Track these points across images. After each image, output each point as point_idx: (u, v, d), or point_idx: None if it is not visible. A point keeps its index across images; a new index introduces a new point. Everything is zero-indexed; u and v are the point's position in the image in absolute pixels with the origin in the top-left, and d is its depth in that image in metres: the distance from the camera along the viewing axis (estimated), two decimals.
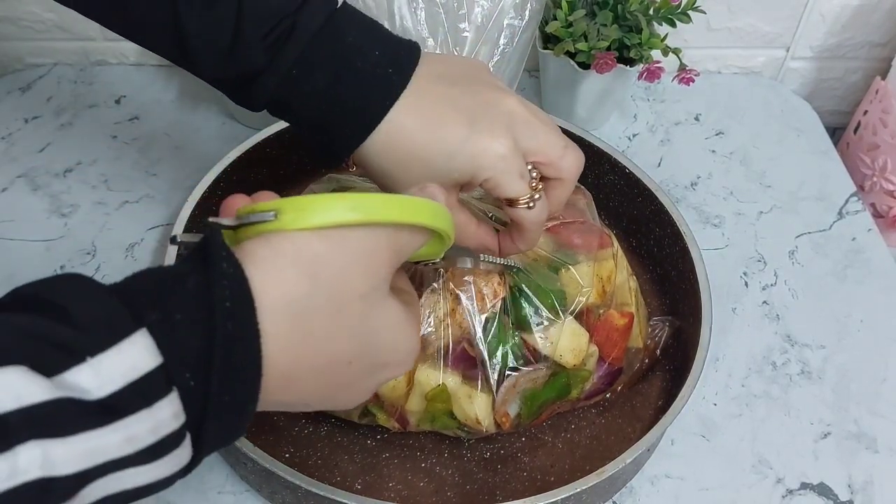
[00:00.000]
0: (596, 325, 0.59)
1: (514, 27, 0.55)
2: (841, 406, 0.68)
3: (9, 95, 0.88)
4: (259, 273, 0.35)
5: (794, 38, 0.94)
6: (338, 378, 0.38)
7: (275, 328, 0.35)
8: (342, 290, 0.37)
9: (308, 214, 0.36)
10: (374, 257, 0.38)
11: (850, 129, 0.95)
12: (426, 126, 0.47)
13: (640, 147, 0.88)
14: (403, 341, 0.41)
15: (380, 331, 0.39)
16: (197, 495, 0.60)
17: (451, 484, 0.61)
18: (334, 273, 0.36)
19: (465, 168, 0.47)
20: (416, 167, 0.47)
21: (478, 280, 0.56)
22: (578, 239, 0.61)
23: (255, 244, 0.36)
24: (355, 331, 0.38)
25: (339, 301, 0.37)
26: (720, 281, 0.75)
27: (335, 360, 0.38)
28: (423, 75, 0.48)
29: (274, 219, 0.36)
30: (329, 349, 0.37)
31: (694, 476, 0.64)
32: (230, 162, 0.70)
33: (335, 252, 0.36)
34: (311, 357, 0.36)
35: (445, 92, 0.48)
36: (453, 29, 0.54)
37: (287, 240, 0.36)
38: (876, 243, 0.81)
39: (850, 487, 0.64)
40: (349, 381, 0.39)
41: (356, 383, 0.40)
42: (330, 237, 0.36)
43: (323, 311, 0.36)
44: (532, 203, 0.49)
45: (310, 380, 0.37)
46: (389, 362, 0.41)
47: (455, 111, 0.47)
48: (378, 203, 0.37)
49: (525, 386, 0.57)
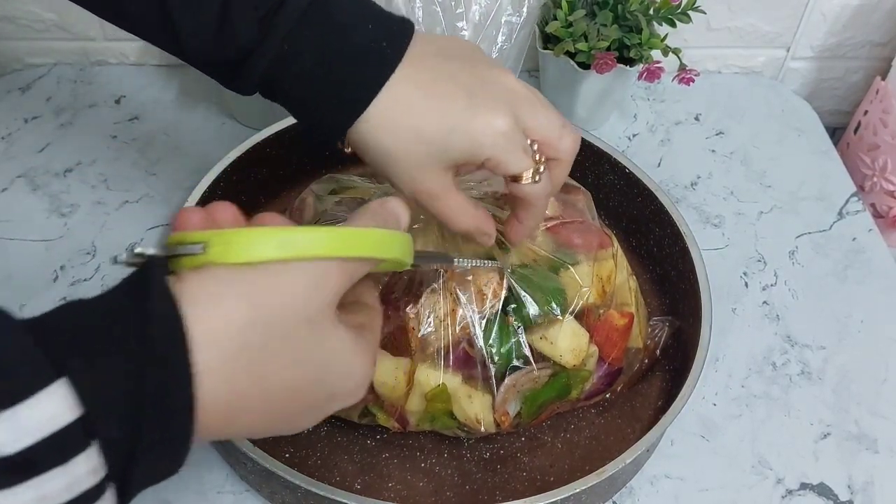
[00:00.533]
0: (596, 325, 0.59)
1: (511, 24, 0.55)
2: (841, 406, 0.68)
3: (9, 95, 0.88)
4: (195, 308, 0.33)
5: (794, 38, 0.94)
6: (283, 408, 0.37)
7: (212, 364, 0.33)
8: (286, 320, 0.35)
9: (234, 249, 0.35)
10: (319, 285, 0.36)
11: (851, 129, 0.95)
12: (424, 98, 0.45)
13: (640, 147, 0.88)
14: (354, 371, 0.39)
15: (328, 360, 0.38)
16: (196, 495, 0.60)
17: (450, 484, 0.61)
18: (277, 303, 0.35)
19: (465, 145, 0.45)
20: (414, 144, 0.45)
21: (478, 280, 0.56)
22: (578, 239, 0.60)
23: (192, 277, 0.35)
24: (301, 360, 0.37)
25: (283, 330, 0.35)
26: (720, 281, 0.75)
27: (281, 391, 0.36)
28: (419, 50, 0.46)
29: (202, 252, 0.35)
30: (274, 380, 0.36)
31: (694, 476, 0.64)
32: (230, 162, 0.70)
33: (277, 282, 0.35)
34: (255, 389, 0.35)
35: (443, 66, 0.46)
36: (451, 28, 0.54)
37: (226, 271, 0.35)
38: (876, 243, 0.81)
39: (850, 488, 0.64)
40: (295, 411, 0.38)
41: (303, 413, 0.39)
42: (268, 270, 0.35)
43: (266, 341, 0.35)
44: (538, 176, 0.47)
45: (254, 412, 0.36)
46: (337, 393, 0.39)
47: (454, 85, 0.45)
48: (309, 239, 0.36)
49: (525, 386, 0.57)
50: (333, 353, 0.38)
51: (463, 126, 0.45)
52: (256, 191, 0.75)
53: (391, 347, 0.56)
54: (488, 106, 0.45)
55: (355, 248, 0.38)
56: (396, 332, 0.56)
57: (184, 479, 0.61)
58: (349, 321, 0.40)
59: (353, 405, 0.59)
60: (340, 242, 0.37)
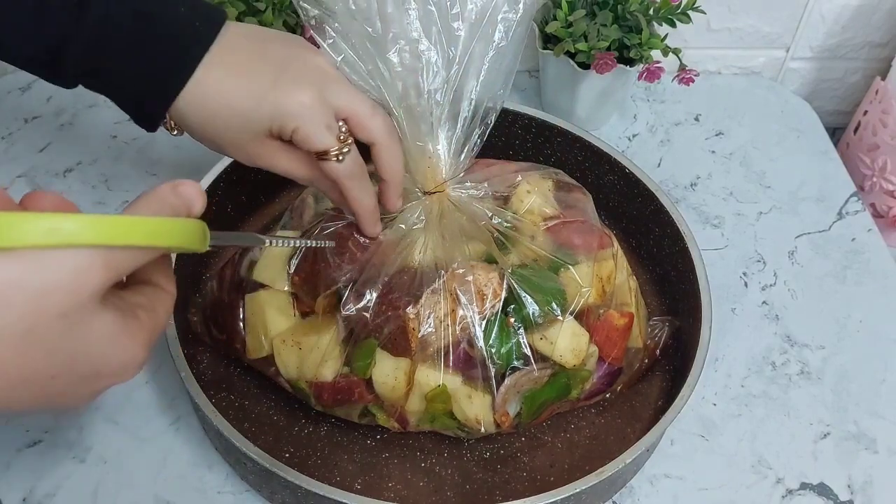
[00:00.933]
0: (596, 325, 0.59)
1: (508, 21, 0.55)
2: (840, 406, 0.68)
3: (9, 95, 0.88)
4: None
5: (794, 39, 0.94)
6: (43, 390, 0.37)
7: None
8: (37, 312, 0.34)
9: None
10: (80, 277, 0.34)
11: (850, 129, 0.95)
12: (234, 75, 0.49)
13: (640, 147, 0.88)
14: (116, 354, 0.38)
15: (86, 345, 0.37)
16: (197, 495, 0.60)
17: (450, 484, 0.61)
18: (28, 297, 0.34)
19: (272, 115, 0.49)
20: (230, 118, 0.50)
21: (478, 280, 0.56)
22: (578, 239, 0.61)
23: None
24: (53, 348, 0.35)
25: (33, 322, 0.34)
26: (720, 281, 0.75)
27: (33, 376, 0.36)
28: (233, 31, 0.50)
29: None
30: (22, 367, 0.35)
31: (693, 476, 0.64)
32: (230, 162, 0.70)
33: (32, 274, 0.33)
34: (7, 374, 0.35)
35: (256, 46, 0.50)
36: (447, 28, 0.54)
37: None
38: (876, 244, 0.81)
39: (850, 488, 0.64)
40: (58, 391, 0.37)
41: (69, 392, 0.38)
42: (26, 258, 0.33)
43: (12, 333, 0.34)
44: (341, 156, 0.50)
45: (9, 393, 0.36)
46: (102, 373, 0.39)
47: (263, 62, 0.50)
48: (77, 226, 0.33)
49: (525, 386, 0.57)
50: (90, 343, 0.37)
51: (270, 98, 0.49)
52: (256, 191, 0.75)
53: (391, 348, 0.56)
54: (296, 81, 0.49)
55: (126, 237, 0.35)
56: (397, 332, 0.56)
57: (184, 479, 0.61)
58: (123, 302, 0.39)
59: (353, 406, 0.59)
60: (110, 230, 0.34)
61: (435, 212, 0.58)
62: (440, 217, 0.58)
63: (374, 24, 0.53)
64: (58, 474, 0.61)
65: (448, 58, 0.54)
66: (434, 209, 0.58)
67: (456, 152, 0.57)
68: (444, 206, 0.58)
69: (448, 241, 0.58)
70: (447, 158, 0.57)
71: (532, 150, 0.78)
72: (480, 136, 0.57)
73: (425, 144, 0.56)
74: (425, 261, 0.57)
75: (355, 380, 0.57)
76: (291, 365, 0.59)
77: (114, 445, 0.62)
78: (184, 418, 0.64)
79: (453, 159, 0.57)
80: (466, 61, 0.55)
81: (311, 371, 0.57)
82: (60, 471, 0.61)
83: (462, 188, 0.59)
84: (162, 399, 0.65)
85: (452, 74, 0.55)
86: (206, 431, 0.63)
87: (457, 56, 0.54)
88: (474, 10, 0.54)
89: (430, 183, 0.58)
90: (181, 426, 0.64)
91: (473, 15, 0.54)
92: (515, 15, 0.55)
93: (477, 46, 0.55)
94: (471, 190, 0.60)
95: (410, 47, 0.53)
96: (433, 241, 0.58)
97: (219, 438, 0.58)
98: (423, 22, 0.54)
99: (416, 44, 0.53)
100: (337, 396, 0.58)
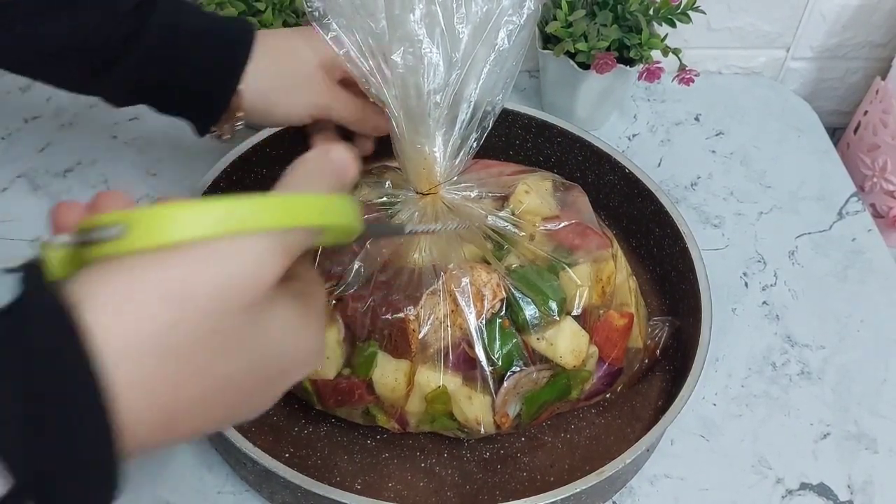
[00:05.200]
0: (596, 325, 0.59)
1: (512, 25, 0.55)
2: (841, 406, 0.68)
3: (9, 95, 0.88)
4: (101, 315, 0.28)
5: (794, 38, 0.94)
6: (232, 398, 0.33)
7: (130, 378, 0.29)
8: (219, 310, 0.31)
9: (164, 229, 0.29)
10: (260, 266, 0.32)
11: (851, 129, 0.95)
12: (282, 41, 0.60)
13: (640, 147, 0.88)
14: (302, 343, 0.35)
15: (271, 339, 0.34)
16: (197, 495, 0.60)
17: (450, 484, 0.61)
18: (208, 293, 0.30)
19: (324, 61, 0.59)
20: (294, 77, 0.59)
21: (477, 281, 0.56)
22: (578, 240, 0.60)
23: (98, 275, 0.29)
24: (241, 347, 0.32)
25: (217, 321, 0.31)
26: (720, 281, 0.75)
27: (224, 382, 0.32)
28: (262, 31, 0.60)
29: (121, 235, 0.29)
30: (214, 374, 0.32)
31: (693, 476, 0.64)
32: (230, 162, 0.70)
33: (209, 268, 0.30)
34: (194, 388, 0.31)
35: (287, 32, 0.63)
36: (450, 29, 0.54)
37: (142, 261, 0.29)
38: (876, 243, 0.81)
39: (850, 488, 0.64)
40: (245, 397, 0.34)
41: (255, 397, 0.35)
42: (201, 250, 0.30)
43: (198, 336, 0.30)
44: None
45: (199, 409, 0.32)
46: (288, 368, 0.36)
47: (300, 37, 0.60)
48: (251, 210, 0.31)
49: (525, 387, 0.57)
50: (275, 335, 0.34)
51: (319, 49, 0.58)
52: (256, 191, 0.75)
53: (391, 349, 0.56)
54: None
55: (303, 217, 0.32)
56: (397, 333, 0.56)
57: (184, 479, 0.61)
58: (290, 291, 0.35)
59: (354, 407, 0.59)
60: (286, 211, 0.32)
61: (429, 213, 0.58)
62: (434, 219, 0.58)
63: (378, 22, 0.53)
64: None
65: (450, 60, 0.54)
66: (428, 210, 0.58)
67: (452, 154, 0.57)
68: (438, 208, 0.58)
69: (444, 242, 0.58)
70: (443, 160, 0.57)
71: (532, 150, 0.78)
72: (477, 139, 0.57)
73: (422, 146, 0.56)
74: (423, 262, 0.57)
75: (356, 381, 0.57)
76: None
77: None
78: None
79: (449, 161, 0.57)
80: (468, 64, 0.55)
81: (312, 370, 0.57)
82: None
83: (456, 190, 0.59)
84: None
85: (453, 77, 0.55)
86: None
87: (459, 58, 0.54)
88: (479, 12, 0.54)
89: (424, 184, 0.58)
90: None
91: (478, 17, 0.54)
92: (519, 19, 0.55)
93: (479, 49, 0.55)
94: (465, 192, 0.60)
95: (413, 48, 0.53)
96: (429, 242, 0.58)
97: (219, 438, 0.58)
98: (427, 22, 0.54)
99: (419, 44, 0.53)
100: (338, 397, 0.58)
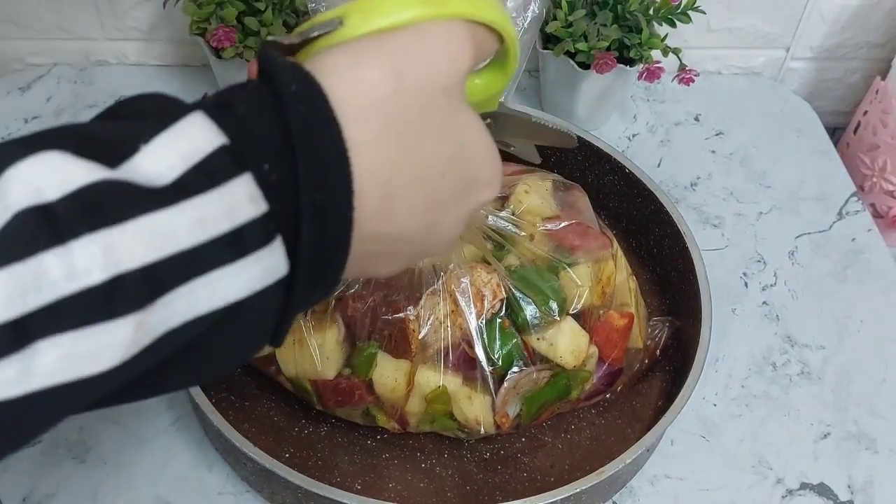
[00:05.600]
0: (596, 325, 0.59)
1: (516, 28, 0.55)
2: (841, 406, 0.68)
3: (9, 95, 0.88)
4: (335, 80, 0.30)
5: (793, 39, 0.94)
6: (434, 195, 0.34)
7: (364, 135, 0.30)
8: (427, 84, 0.33)
9: (376, 16, 0.33)
10: (456, 47, 0.34)
11: (850, 129, 0.95)
12: None
13: (640, 147, 0.88)
14: (488, 151, 0.36)
15: (465, 135, 0.35)
16: (197, 496, 0.60)
17: (450, 484, 0.61)
18: (418, 69, 0.32)
19: None
20: None
21: (477, 281, 0.56)
22: (578, 240, 0.60)
23: (328, 52, 0.32)
24: (443, 131, 0.33)
25: (426, 96, 0.32)
26: (720, 281, 0.75)
27: (429, 167, 0.33)
28: None
29: (340, 26, 0.33)
30: (421, 154, 0.33)
31: (693, 476, 0.64)
32: None
33: (419, 49, 0.33)
34: (407, 165, 0.32)
35: None
36: None
37: (364, 41, 0.32)
38: (876, 243, 0.81)
39: (850, 488, 0.64)
40: (445, 199, 0.35)
41: (451, 205, 0.35)
42: (407, 34, 0.33)
43: (411, 109, 0.32)
44: None
45: (407, 196, 0.32)
46: (478, 178, 0.36)
47: None
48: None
49: (525, 387, 0.57)
50: (468, 129, 0.35)
51: None
52: None
53: (391, 349, 0.56)
54: None
55: (489, 13, 0.35)
56: (397, 333, 0.56)
57: (184, 479, 0.61)
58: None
59: (354, 407, 0.59)
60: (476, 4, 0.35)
61: None
62: None
63: None
64: (58, 474, 0.61)
65: None
66: None
67: None
68: None
69: None
70: None
71: None
72: None
73: None
74: (423, 262, 0.57)
75: (356, 381, 0.57)
76: (292, 363, 0.59)
77: (114, 445, 0.62)
78: (184, 418, 0.64)
79: None
80: None
81: (312, 370, 0.57)
82: (60, 471, 0.61)
83: None
84: (162, 399, 0.65)
85: None
86: (206, 431, 0.62)
87: None
88: None
89: None
90: (181, 426, 0.64)
91: None
92: (524, 22, 0.55)
93: None
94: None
95: None
96: None
97: (219, 438, 0.58)
98: None
99: None
100: (338, 398, 0.58)
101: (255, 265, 0.28)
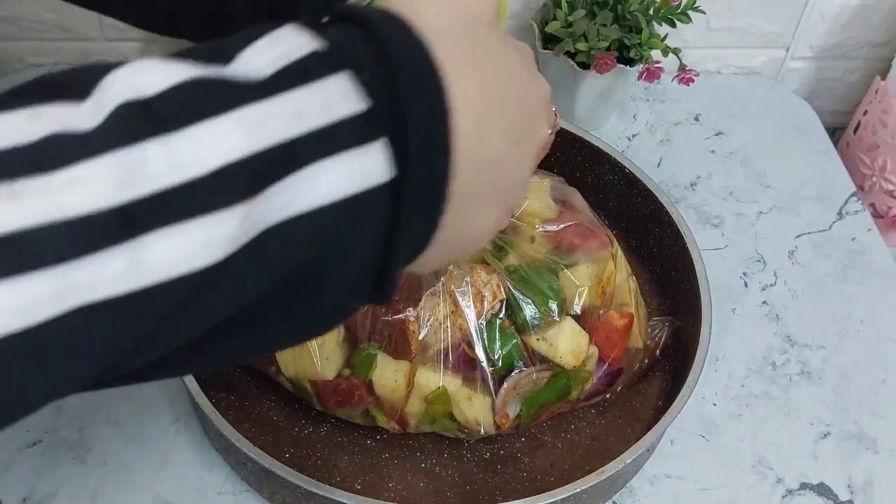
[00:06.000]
0: (596, 325, 0.59)
1: None
2: (841, 406, 0.68)
3: None
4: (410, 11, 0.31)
5: (793, 38, 0.94)
6: (513, 122, 0.34)
7: (447, 56, 0.30)
8: (475, 17, 0.34)
9: None
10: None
11: (850, 129, 0.95)
12: None
13: (640, 147, 0.88)
14: (538, 83, 0.38)
15: (516, 65, 0.36)
16: (197, 496, 0.60)
17: (450, 484, 0.61)
18: (467, 7, 0.34)
19: None
20: None
21: (476, 282, 0.56)
22: (577, 240, 0.61)
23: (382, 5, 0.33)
24: (503, 59, 0.35)
25: (478, 28, 0.34)
26: (720, 281, 0.75)
27: (504, 93, 0.34)
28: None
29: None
30: (496, 79, 0.33)
31: (693, 476, 0.64)
32: None
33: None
34: (488, 90, 0.33)
35: None
36: None
37: None
38: (876, 243, 0.81)
39: (850, 488, 0.64)
40: (521, 127, 0.35)
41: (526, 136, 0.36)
42: None
43: (475, 35, 0.34)
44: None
45: (496, 120, 0.33)
46: (534, 108, 0.36)
47: None
48: None
49: (525, 388, 0.57)
50: (517, 59, 0.36)
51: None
52: None
53: (391, 350, 0.56)
54: None
55: None
56: (397, 334, 0.56)
57: (184, 480, 0.61)
58: None
59: (354, 407, 0.59)
60: None
61: None
62: None
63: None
64: (58, 474, 0.61)
65: None
66: None
67: None
68: None
69: None
70: None
71: None
72: None
73: None
74: None
75: (356, 382, 0.57)
76: (292, 364, 0.59)
77: (114, 445, 0.62)
78: (184, 418, 0.64)
79: None
80: None
81: (312, 370, 0.57)
82: (60, 471, 0.61)
83: None
84: (162, 399, 0.65)
85: None
86: (206, 431, 0.63)
87: None
88: None
89: None
90: (181, 426, 0.64)
91: None
92: None
93: None
94: None
95: None
96: None
97: (219, 438, 0.58)
98: None
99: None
100: (338, 398, 0.58)
101: (353, 162, 0.28)
